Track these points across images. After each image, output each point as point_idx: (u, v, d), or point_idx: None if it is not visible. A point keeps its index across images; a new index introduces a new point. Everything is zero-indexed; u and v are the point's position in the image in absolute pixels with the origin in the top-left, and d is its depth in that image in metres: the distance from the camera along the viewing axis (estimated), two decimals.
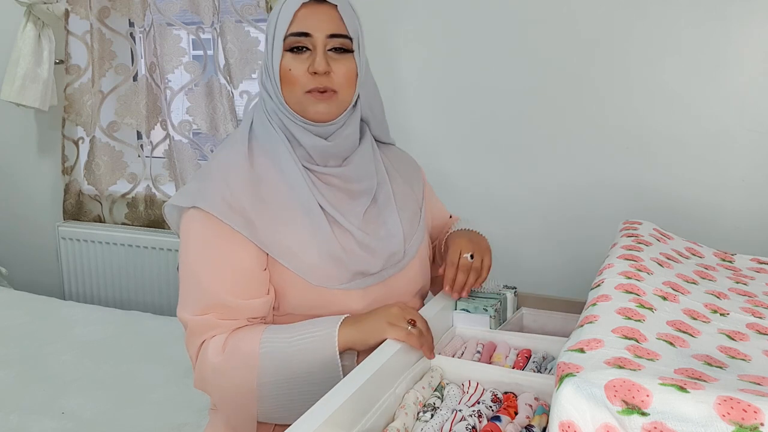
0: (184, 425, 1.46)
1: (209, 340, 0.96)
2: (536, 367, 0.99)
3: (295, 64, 0.98)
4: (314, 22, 0.97)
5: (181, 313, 0.98)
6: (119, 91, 2.34)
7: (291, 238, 0.98)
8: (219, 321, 0.96)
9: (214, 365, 0.95)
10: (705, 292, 0.89)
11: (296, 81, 0.98)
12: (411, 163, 1.23)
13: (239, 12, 2.11)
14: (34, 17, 2.25)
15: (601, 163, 1.77)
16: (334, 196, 1.03)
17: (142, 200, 2.38)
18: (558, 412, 0.58)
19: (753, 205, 1.64)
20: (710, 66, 1.63)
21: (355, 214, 1.04)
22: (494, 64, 1.83)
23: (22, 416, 1.50)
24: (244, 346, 0.95)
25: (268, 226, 0.97)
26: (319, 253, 0.99)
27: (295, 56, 0.98)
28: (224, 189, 0.97)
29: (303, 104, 0.99)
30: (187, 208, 0.99)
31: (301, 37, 0.97)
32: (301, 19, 0.97)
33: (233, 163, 1.00)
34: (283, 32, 0.97)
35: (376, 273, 1.03)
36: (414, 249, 1.10)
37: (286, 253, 0.98)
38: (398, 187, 1.14)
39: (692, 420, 0.52)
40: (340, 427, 0.74)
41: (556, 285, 1.67)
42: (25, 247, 2.63)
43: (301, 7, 0.97)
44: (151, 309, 2.31)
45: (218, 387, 0.98)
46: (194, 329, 0.97)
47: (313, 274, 0.98)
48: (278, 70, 0.98)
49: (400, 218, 1.09)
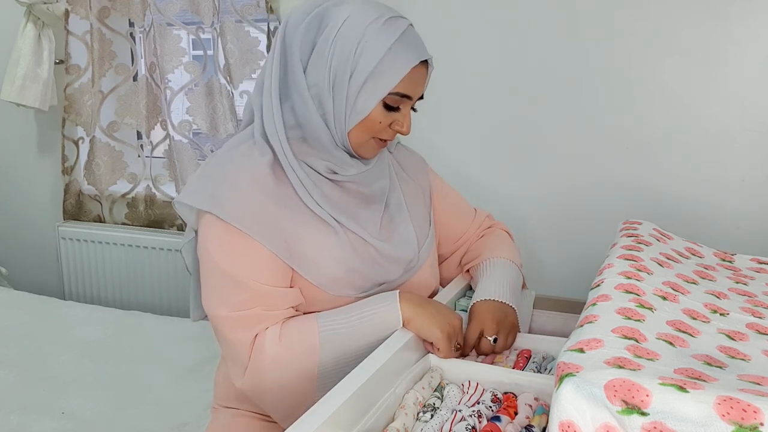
0: (185, 425, 1.46)
1: (263, 333, 0.94)
2: (536, 367, 0.99)
3: (385, 119, 0.97)
4: (416, 86, 0.97)
5: (216, 309, 0.95)
6: (119, 91, 2.34)
7: (311, 249, 0.98)
8: (267, 312, 0.94)
9: (274, 356, 0.93)
10: (705, 292, 0.89)
11: (376, 130, 0.97)
12: (416, 159, 1.23)
13: (239, 12, 2.11)
14: (34, 17, 2.25)
15: (601, 163, 1.77)
16: (350, 205, 1.02)
17: (142, 200, 2.38)
18: (558, 412, 0.58)
19: (753, 205, 1.64)
20: (710, 66, 1.63)
21: (372, 222, 1.03)
22: (494, 64, 1.83)
23: (22, 416, 1.50)
24: (302, 332, 0.94)
25: (287, 236, 0.96)
26: (338, 266, 0.98)
27: (387, 113, 0.96)
28: (243, 197, 0.94)
29: (366, 146, 0.99)
30: (203, 212, 0.96)
31: (404, 98, 0.96)
32: (409, 80, 0.95)
33: (256, 169, 0.97)
34: (389, 87, 0.94)
35: (395, 280, 1.04)
36: (426, 253, 1.11)
37: (307, 265, 0.97)
38: (408, 189, 1.14)
39: (692, 420, 0.52)
40: (340, 427, 0.74)
41: (557, 285, 1.67)
42: (25, 247, 2.63)
43: (416, 65, 0.95)
44: (151, 309, 2.31)
45: (277, 378, 0.94)
46: (240, 324, 0.94)
47: (333, 287, 0.98)
48: (365, 115, 0.95)
49: (413, 223, 1.09)
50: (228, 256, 0.94)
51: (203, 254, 0.97)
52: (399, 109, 0.97)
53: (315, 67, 0.95)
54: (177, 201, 1.00)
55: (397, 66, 0.93)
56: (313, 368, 0.93)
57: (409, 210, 1.10)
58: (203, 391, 1.54)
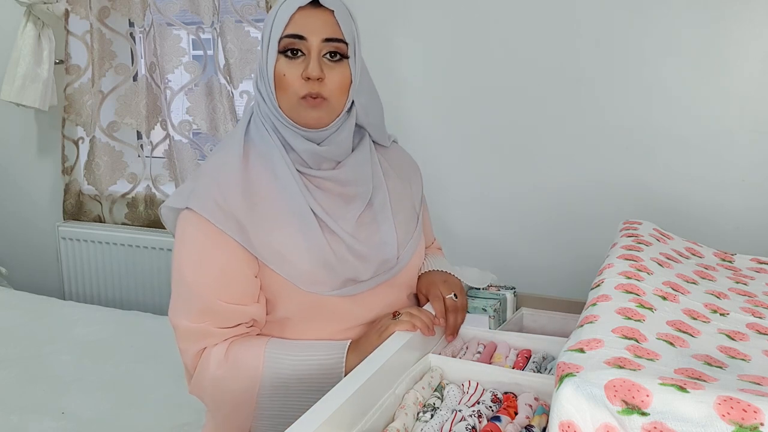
0: (184, 425, 1.46)
1: (210, 349, 0.96)
2: (536, 367, 0.99)
3: (289, 69, 0.97)
4: (310, 26, 0.97)
5: (174, 318, 0.98)
6: (119, 91, 2.34)
7: (282, 243, 0.98)
8: (215, 329, 0.96)
9: (215, 377, 0.95)
10: (705, 292, 0.89)
11: (290, 86, 0.97)
12: (411, 164, 1.22)
13: (239, 12, 2.11)
14: (34, 17, 2.25)
15: (601, 163, 1.77)
16: (327, 200, 1.02)
17: (142, 200, 2.38)
18: (558, 412, 0.58)
19: (753, 205, 1.64)
20: (710, 66, 1.63)
21: (347, 219, 1.03)
22: (494, 64, 1.83)
23: (22, 416, 1.50)
24: (247, 360, 0.95)
25: (259, 230, 0.97)
26: (309, 258, 0.98)
27: (289, 61, 0.97)
28: (216, 192, 0.96)
29: (296, 110, 0.98)
30: (180, 210, 0.98)
31: (295, 39, 0.96)
32: (297, 21, 0.96)
33: (227, 165, 1.00)
34: (278, 34, 0.96)
35: (368, 280, 1.03)
36: (408, 256, 1.09)
37: (277, 258, 0.97)
38: (395, 187, 1.13)
39: (692, 420, 0.52)
40: (340, 427, 0.74)
41: (556, 285, 1.67)
42: (25, 247, 2.63)
43: (297, 10, 0.96)
44: (151, 309, 2.31)
45: (216, 398, 0.98)
46: (189, 336, 0.97)
47: (303, 280, 0.98)
48: (272, 74, 0.97)
49: (395, 224, 1.08)
50: (194, 262, 0.96)
51: (174, 259, 0.99)
52: (303, 55, 0.97)
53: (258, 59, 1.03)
54: (162, 207, 1.02)
55: (282, 15, 0.97)
56: (253, 396, 0.96)
57: (393, 210, 1.09)
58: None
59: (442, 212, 1.89)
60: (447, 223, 1.92)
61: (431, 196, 1.29)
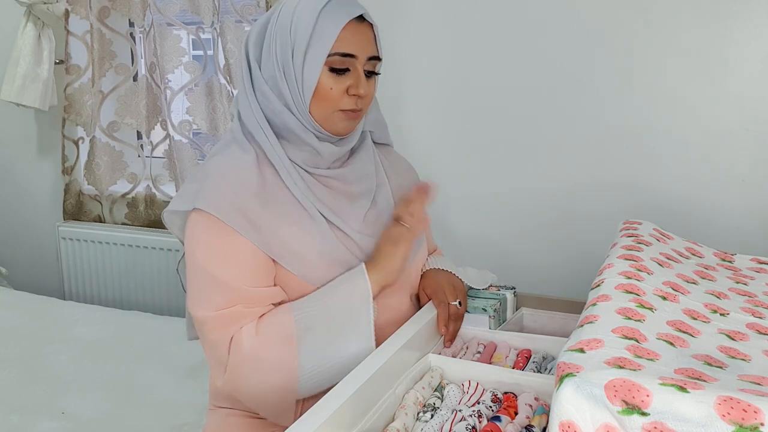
0: (184, 425, 1.46)
1: (239, 332, 0.94)
2: (536, 367, 0.99)
3: (336, 83, 0.97)
4: (358, 44, 0.97)
5: (200, 311, 0.96)
6: (119, 91, 2.34)
7: (293, 241, 0.98)
8: (247, 310, 0.95)
9: (250, 351, 0.93)
10: (705, 292, 0.89)
11: (334, 99, 0.98)
12: (409, 169, 1.24)
13: (239, 12, 2.12)
14: (34, 17, 2.25)
15: (601, 163, 1.76)
16: (334, 200, 1.03)
17: (142, 200, 2.38)
18: (558, 412, 0.58)
19: (753, 205, 1.64)
20: (711, 66, 1.63)
21: (355, 218, 1.04)
22: (494, 63, 1.83)
23: (22, 416, 1.50)
24: (276, 320, 0.95)
25: (270, 229, 0.97)
26: (320, 256, 0.99)
27: (337, 76, 0.97)
28: (228, 191, 0.96)
29: (331, 119, 0.99)
30: (189, 212, 0.98)
31: (347, 58, 0.97)
32: (347, 38, 0.96)
33: (238, 165, 0.99)
34: (326, 48, 0.95)
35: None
36: (410, 256, 1.09)
37: (289, 256, 0.98)
38: (396, 186, 1.14)
39: (692, 420, 0.52)
40: (340, 427, 0.74)
41: (556, 285, 1.67)
42: (25, 247, 2.63)
43: (346, 24, 0.96)
44: (151, 309, 2.31)
45: (256, 374, 0.95)
46: (221, 323, 0.94)
47: (315, 277, 0.99)
48: (314, 84, 0.97)
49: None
50: (212, 257, 0.95)
51: (189, 256, 0.98)
52: (349, 71, 0.98)
53: (266, 59, 1.00)
54: (165, 212, 1.02)
55: (329, 27, 0.95)
56: (293, 354, 0.93)
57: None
58: (203, 391, 1.54)
59: (442, 212, 1.89)
60: (447, 223, 1.92)
61: None
